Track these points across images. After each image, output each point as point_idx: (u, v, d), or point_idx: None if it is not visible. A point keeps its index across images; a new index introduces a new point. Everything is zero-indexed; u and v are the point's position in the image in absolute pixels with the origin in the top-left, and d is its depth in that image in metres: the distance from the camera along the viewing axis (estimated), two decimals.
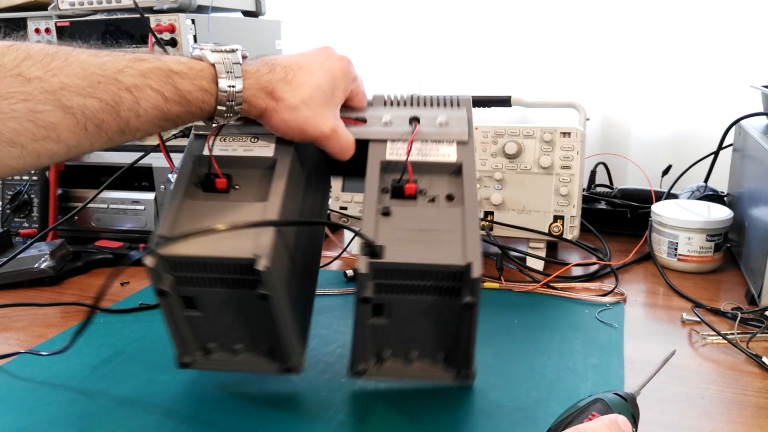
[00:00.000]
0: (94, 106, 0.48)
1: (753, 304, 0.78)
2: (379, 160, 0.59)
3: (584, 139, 0.93)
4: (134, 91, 0.49)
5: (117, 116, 0.49)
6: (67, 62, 0.47)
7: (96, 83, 0.48)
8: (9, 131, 0.45)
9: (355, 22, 1.43)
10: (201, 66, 0.53)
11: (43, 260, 0.93)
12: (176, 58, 0.53)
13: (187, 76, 0.52)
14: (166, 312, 0.56)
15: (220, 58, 0.53)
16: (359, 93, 0.64)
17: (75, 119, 0.47)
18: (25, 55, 0.46)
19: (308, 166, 0.64)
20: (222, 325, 0.58)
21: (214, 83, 0.53)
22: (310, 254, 0.69)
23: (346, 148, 0.59)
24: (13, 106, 0.45)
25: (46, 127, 0.46)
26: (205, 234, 0.51)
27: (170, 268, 0.53)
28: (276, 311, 0.54)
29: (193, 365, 0.59)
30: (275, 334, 0.56)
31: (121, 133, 0.50)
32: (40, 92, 0.46)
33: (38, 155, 0.47)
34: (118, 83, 0.48)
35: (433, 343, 0.58)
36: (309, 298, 0.68)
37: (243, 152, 0.59)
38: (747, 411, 0.58)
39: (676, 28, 1.20)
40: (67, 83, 0.47)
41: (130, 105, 0.49)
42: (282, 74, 0.56)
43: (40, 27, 1.08)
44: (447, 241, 0.52)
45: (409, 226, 0.54)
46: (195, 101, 0.52)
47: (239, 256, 0.51)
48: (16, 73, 0.45)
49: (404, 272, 0.52)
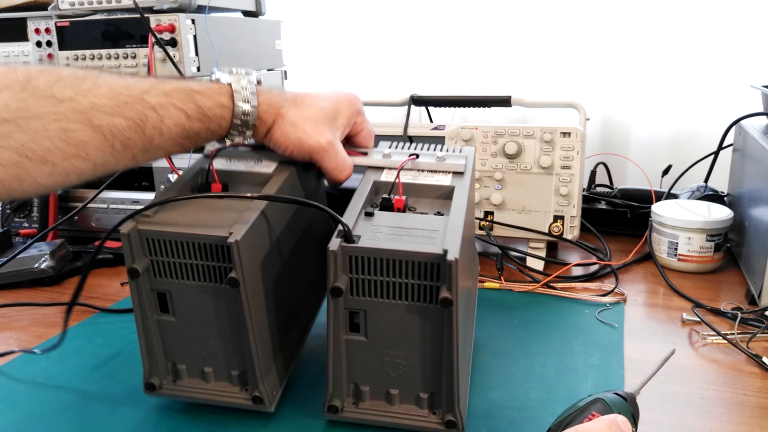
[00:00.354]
0: (122, 124, 0.51)
1: (753, 304, 0.78)
2: (372, 179, 0.60)
3: (584, 139, 0.93)
4: (159, 109, 0.52)
5: (142, 134, 0.52)
6: (96, 84, 0.50)
7: (123, 103, 0.51)
8: (42, 150, 0.47)
9: (355, 22, 1.43)
10: (219, 86, 0.57)
11: (43, 260, 0.93)
12: (195, 80, 0.57)
13: (206, 94, 0.55)
14: (137, 315, 0.55)
15: (235, 78, 0.57)
16: (365, 129, 0.67)
17: (104, 137, 0.50)
18: (57, 77, 0.49)
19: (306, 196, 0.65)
20: (194, 335, 0.56)
21: (231, 100, 0.56)
22: (307, 282, 0.68)
23: (343, 166, 0.61)
24: (47, 126, 0.47)
25: (77, 145, 0.49)
26: (184, 199, 0.55)
27: (147, 247, 0.53)
28: (245, 307, 0.52)
29: (160, 390, 0.58)
30: (248, 353, 0.54)
31: (144, 151, 0.53)
32: (71, 112, 0.48)
33: (67, 173, 0.50)
34: (144, 102, 0.52)
35: (416, 377, 0.53)
36: (298, 327, 0.66)
37: (244, 168, 0.61)
38: (747, 411, 0.58)
39: (676, 28, 1.20)
40: (97, 103, 0.50)
41: (155, 123, 0.52)
42: (291, 98, 0.61)
43: (40, 27, 1.08)
44: (426, 236, 0.50)
45: (390, 224, 0.53)
46: (214, 118, 0.56)
47: (213, 234, 0.51)
48: (50, 95, 0.48)
49: (379, 266, 0.49)
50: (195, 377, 0.58)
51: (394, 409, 0.54)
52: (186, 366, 0.58)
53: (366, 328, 0.52)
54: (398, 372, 0.53)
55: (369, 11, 1.41)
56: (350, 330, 0.53)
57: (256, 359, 0.55)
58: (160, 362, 0.58)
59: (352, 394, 0.55)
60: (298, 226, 0.65)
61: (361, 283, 0.51)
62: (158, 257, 0.53)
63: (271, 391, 0.57)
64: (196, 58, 1.01)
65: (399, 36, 1.40)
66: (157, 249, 0.53)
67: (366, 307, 0.52)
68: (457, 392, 0.52)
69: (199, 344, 0.57)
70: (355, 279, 0.51)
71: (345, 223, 0.50)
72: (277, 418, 0.58)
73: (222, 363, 0.57)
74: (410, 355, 0.52)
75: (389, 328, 0.52)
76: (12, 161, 0.47)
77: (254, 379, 0.56)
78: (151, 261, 0.54)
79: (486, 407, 0.58)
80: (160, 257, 0.53)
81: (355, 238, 0.50)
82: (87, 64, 1.03)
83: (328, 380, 0.54)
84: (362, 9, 1.42)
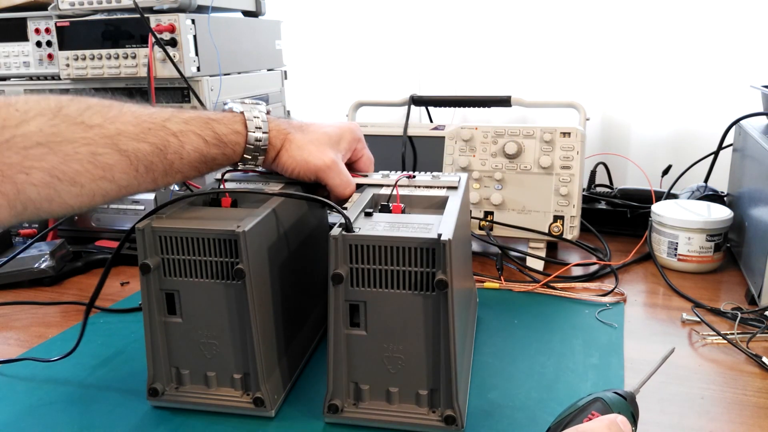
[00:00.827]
0: (146, 149, 0.55)
1: (753, 304, 0.78)
2: (372, 193, 0.64)
3: (584, 139, 0.93)
4: (180, 136, 0.57)
5: (164, 158, 0.56)
6: (122, 112, 0.55)
7: (147, 130, 0.55)
8: (72, 171, 0.51)
9: (354, 22, 1.43)
10: (233, 114, 0.63)
11: (43, 260, 0.93)
12: (211, 111, 0.64)
13: (222, 122, 0.61)
14: (145, 316, 0.57)
15: (247, 108, 0.63)
16: (365, 155, 0.73)
17: (129, 161, 0.54)
18: (86, 106, 0.53)
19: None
20: (199, 337, 0.57)
21: (244, 127, 0.62)
22: (313, 300, 0.72)
23: (347, 183, 0.66)
24: (77, 149, 0.51)
25: (104, 168, 0.53)
26: (196, 195, 0.61)
27: (159, 245, 0.55)
28: (249, 300, 0.54)
29: (163, 397, 0.59)
30: (251, 352, 0.56)
31: (165, 174, 0.57)
32: (100, 137, 0.53)
33: (93, 194, 0.53)
34: (166, 129, 0.56)
35: (415, 372, 0.54)
36: (304, 337, 0.67)
37: (252, 188, 0.66)
38: (747, 411, 0.58)
39: (676, 28, 1.20)
40: (123, 130, 0.54)
41: (176, 148, 0.57)
42: (297, 125, 0.66)
43: (40, 27, 1.08)
44: (422, 228, 0.53)
45: (388, 220, 0.56)
46: (230, 143, 0.61)
47: (223, 228, 0.54)
48: (80, 121, 0.52)
49: (377, 254, 0.52)
50: (197, 383, 0.59)
51: (393, 408, 0.55)
52: (189, 371, 0.59)
53: (366, 322, 0.54)
54: (398, 368, 0.54)
55: (369, 11, 1.41)
56: (350, 326, 0.54)
57: (259, 357, 0.56)
58: (164, 368, 0.59)
59: (352, 395, 0.56)
60: (305, 234, 0.68)
61: (360, 273, 0.53)
62: (169, 255, 0.56)
63: (272, 394, 0.57)
64: (196, 58, 1.01)
65: (399, 36, 1.40)
66: (168, 246, 0.55)
67: (366, 298, 0.53)
68: (456, 387, 0.52)
69: (203, 347, 0.58)
70: (355, 269, 0.53)
71: (346, 215, 0.53)
72: (277, 418, 0.58)
73: (225, 366, 0.58)
74: (409, 348, 0.54)
75: (388, 320, 0.53)
76: (44, 182, 0.50)
77: (256, 379, 0.56)
78: (162, 259, 0.56)
79: (486, 407, 0.58)
80: (171, 255, 0.56)
81: (355, 229, 0.53)
82: (87, 64, 1.03)
83: (329, 378, 0.55)
84: (362, 9, 1.42)
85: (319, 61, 1.48)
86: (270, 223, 0.58)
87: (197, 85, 1.01)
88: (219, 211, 0.61)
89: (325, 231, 0.72)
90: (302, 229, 0.67)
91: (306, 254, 0.68)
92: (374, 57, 1.43)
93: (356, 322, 0.54)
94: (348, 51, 1.45)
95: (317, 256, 0.72)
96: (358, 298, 0.53)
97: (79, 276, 0.97)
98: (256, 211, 0.58)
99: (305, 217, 0.68)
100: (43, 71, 1.11)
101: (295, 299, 0.65)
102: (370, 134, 0.71)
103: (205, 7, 1.04)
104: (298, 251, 0.66)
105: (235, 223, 0.54)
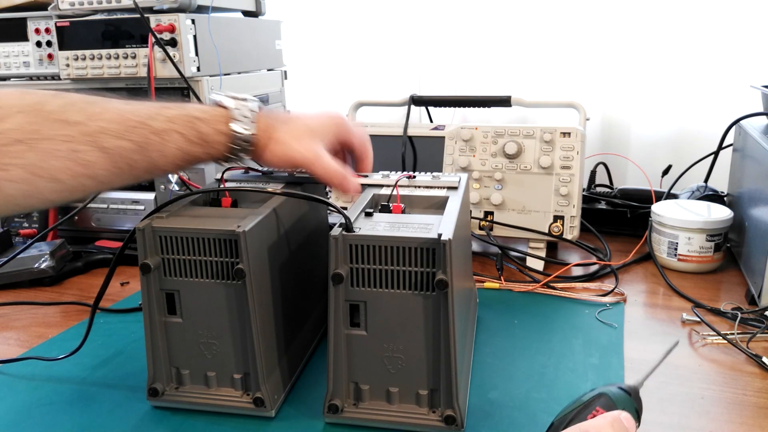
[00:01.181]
0: (128, 147, 0.54)
1: (753, 304, 0.78)
2: (372, 193, 0.64)
3: (584, 139, 0.93)
4: (163, 134, 0.56)
5: (146, 156, 0.56)
6: (105, 109, 0.54)
7: (131, 127, 0.55)
8: (52, 168, 0.51)
9: (354, 22, 1.43)
10: (219, 112, 0.60)
11: (43, 260, 0.93)
12: (197, 105, 0.62)
13: (206, 121, 0.59)
14: (145, 316, 0.57)
15: (236, 105, 0.61)
16: (363, 144, 0.69)
17: (110, 159, 0.54)
18: (69, 102, 0.53)
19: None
20: (199, 337, 0.57)
21: (229, 126, 0.60)
22: (313, 303, 0.72)
23: (333, 171, 0.63)
24: (57, 147, 0.51)
25: (84, 165, 0.52)
26: (197, 194, 0.61)
27: (159, 245, 0.56)
28: (249, 299, 0.54)
29: (163, 397, 0.59)
30: (251, 352, 0.56)
31: (146, 171, 0.57)
32: (81, 135, 0.52)
33: (74, 190, 0.53)
34: (149, 127, 0.56)
35: (415, 372, 0.54)
36: (304, 338, 0.68)
37: (253, 187, 0.65)
38: (747, 411, 0.58)
39: (676, 28, 1.20)
40: (105, 127, 0.53)
41: (158, 146, 0.56)
42: (283, 120, 0.64)
43: (40, 27, 1.08)
44: (422, 228, 0.53)
45: (388, 220, 0.56)
46: (213, 143, 0.59)
47: (223, 228, 0.54)
48: (62, 119, 0.52)
49: (377, 254, 0.52)
50: (197, 383, 0.59)
51: (393, 408, 0.55)
52: (189, 371, 0.59)
53: (366, 322, 0.54)
54: (397, 368, 0.54)
55: (369, 11, 1.41)
56: (350, 326, 0.54)
57: (259, 357, 0.56)
58: (164, 368, 0.59)
59: (352, 395, 0.56)
60: (305, 234, 0.68)
61: (361, 273, 0.53)
62: (169, 255, 0.56)
63: (272, 394, 0.57)
64: (196, 58, 1.01)
65: (399, 36, 1.40)
66: (168, 246, 0.56)
67: (366, 298, 0.53)
68: (456, 387, 0.52)
69: (204, 347, 0.58)
70: (355, 269, 0.53)
71: (347, 215, 0.53)
72: (277, 418, 0.58)
73: (225, 366, 0.58)
74: (409, 348, 0.54)
75: (388, 320, 0.53)
76: (22, 178, 0.50)
77: (256, 379, 0.56)
78: (162, 259, 0.56)
79: (486, 407, 0.59)
80: (171, 255, 0.56)
81: (355, 229, 0.53)
82: (87, 64, 1.03)
83: (329, 378, 0.55)
84: (362, 9, 1.42)
85: (319, 61, 1.48)
86: (270, 222, 0.58)
87: (197, 85, 1.01)
88: (219, 211, 0.61)
89: (326, 231, 0.73)
90: (302, 229, 0.67)
91: (306, 254, 0.69)
92: (374, 57, 1.43)
93: (356, 322, 0.54)
94: (348, 51, 1.45)
95: (317, 256, 0.72)
96: (358, 298, 0.53)
97: (79, 276, 0.97)
98: (257, 210, 0.58)
99: (306, 217, 0.68)
100: (43, 71, 1.11)
101: (295, 299, 0.65)
102: (370, 134, 0.70)
103: (205, 7, 1.04)
104: (298, 251, 0.66)
105: (235, 223, 0.54)
